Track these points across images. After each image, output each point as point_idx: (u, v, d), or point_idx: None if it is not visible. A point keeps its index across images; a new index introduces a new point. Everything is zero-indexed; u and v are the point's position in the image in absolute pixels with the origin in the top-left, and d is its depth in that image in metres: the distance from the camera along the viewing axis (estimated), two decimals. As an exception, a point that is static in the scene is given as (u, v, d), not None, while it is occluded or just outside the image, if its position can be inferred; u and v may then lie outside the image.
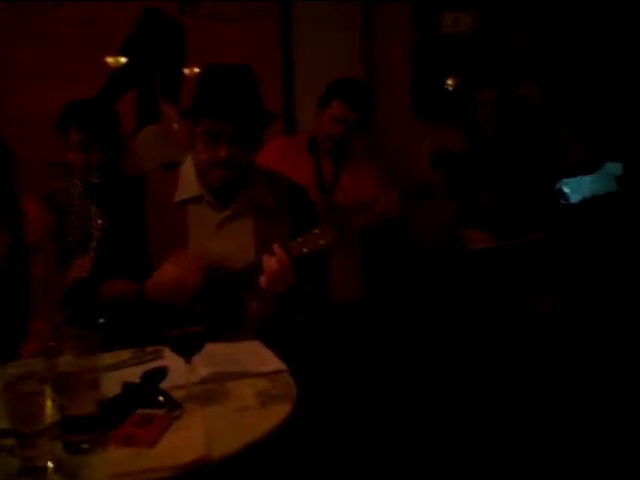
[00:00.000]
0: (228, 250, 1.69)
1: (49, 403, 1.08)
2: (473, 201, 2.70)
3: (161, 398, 1.24)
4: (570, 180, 3.17)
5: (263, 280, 1.55)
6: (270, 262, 1.55)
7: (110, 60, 3.06)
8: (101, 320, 1.72)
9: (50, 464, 1.08)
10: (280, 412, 1.28)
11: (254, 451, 1.19)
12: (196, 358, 1.41)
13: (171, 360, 1.39)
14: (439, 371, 2.36)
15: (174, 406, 1.24)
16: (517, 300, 2.40)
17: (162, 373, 1.29)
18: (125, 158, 2.34)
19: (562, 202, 3.01)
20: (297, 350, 1.70)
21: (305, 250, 1.58)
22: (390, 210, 2.24)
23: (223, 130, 1.61)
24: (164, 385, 1.31)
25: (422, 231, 3.03)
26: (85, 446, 1.12)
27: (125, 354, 1.54)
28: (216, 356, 1.48)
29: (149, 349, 1.54)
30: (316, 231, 1.59)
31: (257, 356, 1.53)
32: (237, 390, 1.38)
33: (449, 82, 3.27)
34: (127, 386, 1.26)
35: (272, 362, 1.50)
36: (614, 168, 3.32)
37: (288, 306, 1.68)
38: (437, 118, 3.29)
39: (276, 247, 1.56)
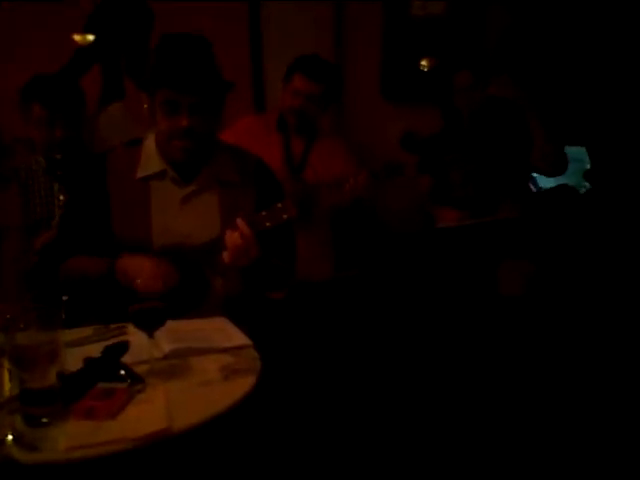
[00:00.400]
0: (192, 226, 1.68)
1: (7, 375, 1.07)
2: (445, 178, 2.72)
3: (122, 372, 1.23)
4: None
5: (226, 255, 1.55)
6: (233, 236, 1.54)
7: (77, 38, 3.00)
8: (64, 297, 1.70)
9: (9, 436, 1.08)
10: (244, 385, 1.28)
11: (218, 424, 1.20)
12: (160, 334, 1.41)
13: (135, 336, 1.39)
14: (407, 349, 2.39)
15: (136, 380, 1.24)
16: (485, 279, 2.43)
17: (123, 347, 1.28)
18: (90, 134, 2.30)
19: (532, 187, 3.07)
20: (264, 327, 1.71)
21: (268, 224, 1.58)
22: (359, 189, 2.25)
23: (182, 99, 1.58)
24: (127, 361, 1.30)
25: (394, 210, 3.05)
26: (45, 420, 1.11)
27: (88, 330, 1.53)
28: (180, 332, 1.48)
29: (112, 326, 1.53)
30: (279, 205, 1.60)
31: (222, 332, 1.53)
32: (201, 365, 1.38)
33: (423, 63, 3.28)
34: (88, 360, 1.25)
35: (237, 337, 1.50)
36: (580, 155, 3.38)
37: (254, 280, 1.68)
38: (407, 100, 3.30)
39: (239, 221, 1.55)
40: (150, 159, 1.71)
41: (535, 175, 3.10)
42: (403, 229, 2.97)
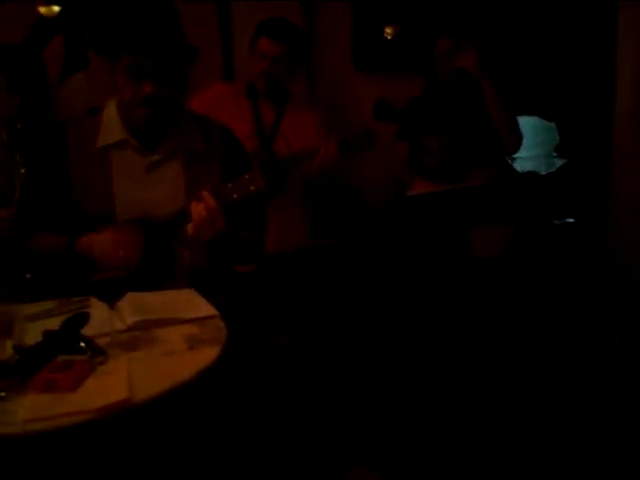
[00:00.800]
0: (157, 197, 1.64)
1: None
2: (422, 145, 2.70)
3: (82, 344, 1.21)
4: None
5: (191, 227, 1.52)
6: (198, 208, 1.51)
7: (43, 10, 2.91)
8: (28, 275, 1.66)
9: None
10: (208, 355, 1.26)
11: (183, 394, 1.19)
12: (124, 306, 1.38)
13: (97, 309, 1.36)
14: (382, 318, 2.39)
15: (97, 352, 1.22)
16: (458, 243, 2.43)
17: (83, 319, 1.26)
18: (53, 105, 2.25)
19: (507, 159, 3.06)
20: (233, 299, 1.69)
21: (235, 196, 1.55)
22: (329, 161, 2.24)
23: (146, 65, 1.53)
24: (89, 333, 1.28)
25: (370, 181, 3.03)
26: (2, 394, 1.09)
27: (50, 304, 1.49)
28: (145, 304, 1.46)
29: (75, 299, 1.50)
30: (247, 176, 1.56)
31: (188, 303, 1.51)
32: (165, 336, 1.35)
33: (388, 30, 3.24)
34: (47, 333, 1.23)
35: (204, 308, 1.48)
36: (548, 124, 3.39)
37: (221, 253, 1.66)
38: (379, 69, 3.26)
39: (204, 193, 1.52)
40: (111, 128, 1.66)
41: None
42: (378, 201, 2.96)
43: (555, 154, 3.33)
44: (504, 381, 2.14)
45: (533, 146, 3.45)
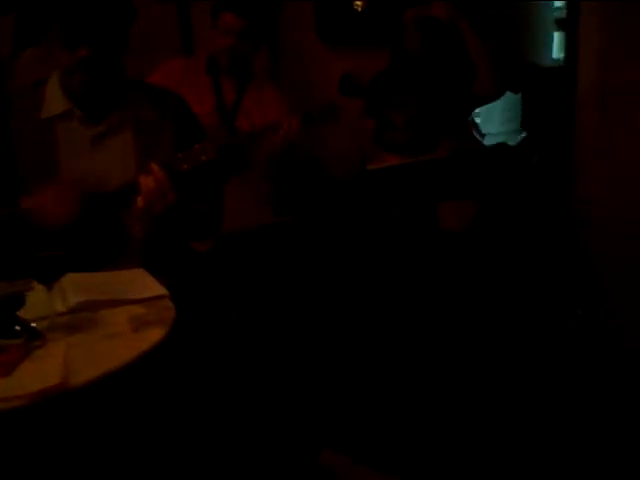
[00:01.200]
0: (106, 169, 1.59)
1: None
2: (387, 120, 2.66)
3: (18, 327, 1.17)
4: (481, 111, 3.18)
5: (140, 200, 1.48)
6: (146, 181, 1.47)
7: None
8: None
9: None
10: (152, 337, 1.23)
11: (129, 377, 1.15)
12: (68, 287, 1.34)
13: (39, 291, 1.31)
14: (345, 296, 2.35)
15: (33, 335, 1.17)
16: (425, 217, 2.40)
17: (18, 301, 1.21)
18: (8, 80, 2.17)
19: (476, 135, 3.02)
20: (187, 279, 1.65)
21: (185, 166, 1.51)
22: (292, 134, 2.19)
23: (78, 29, 1.47)
24: (28, 316, 1.24)
25: (336, 155, 2.98)
26: None
27: (-10, 288, 1.44)
28: (91, 284, 1.41)
29: (17, 282, 1.44)
30: (197, 146, 1.52)
31: (137, 283, 1.47)
32: (109, 317, 1.31)
33: (357, 3, 3.17)
34: (-19, 317, 1.18)
35: (153, 288, 1.44)
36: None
37: (173, 226, 1.61)
38: (345, 42, 3.20)
39: (152, 165, 1.48)
40: (54, 99, 1.60)
41: (478, 121, 3.07)
42: (345, 174, 2.91)
43: (520, 128, 3.31)
44: (468, 354, 2.13)
45: (503, 122, 3.43)
